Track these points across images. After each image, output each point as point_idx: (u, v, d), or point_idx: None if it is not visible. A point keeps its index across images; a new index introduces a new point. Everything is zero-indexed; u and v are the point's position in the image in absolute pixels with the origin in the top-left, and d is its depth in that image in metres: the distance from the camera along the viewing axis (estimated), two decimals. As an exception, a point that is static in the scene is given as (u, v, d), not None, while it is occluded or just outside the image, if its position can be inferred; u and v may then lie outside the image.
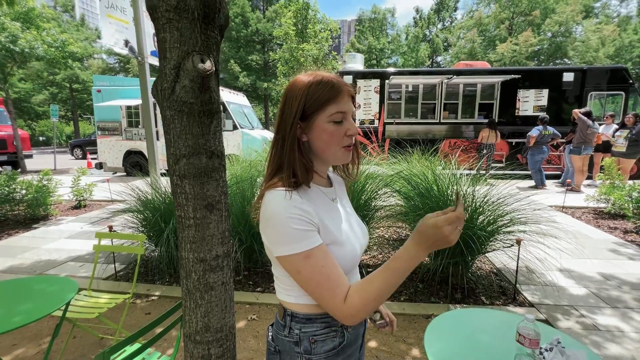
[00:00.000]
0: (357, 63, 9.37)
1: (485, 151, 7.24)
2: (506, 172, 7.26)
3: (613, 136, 6.55)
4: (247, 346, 2.14)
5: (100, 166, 9.42)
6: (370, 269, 3.12)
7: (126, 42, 4.58)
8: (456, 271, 2.74)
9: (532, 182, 7.03)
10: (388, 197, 3.44)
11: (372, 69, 9.88)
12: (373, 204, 3.35)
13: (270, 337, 0.86)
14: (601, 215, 4.91)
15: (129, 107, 8.99)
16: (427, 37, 31.00)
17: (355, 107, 0.82)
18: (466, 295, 2.70)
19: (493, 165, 7.82)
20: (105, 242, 2.46)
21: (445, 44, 30.59)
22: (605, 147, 6.78)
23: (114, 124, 9.17)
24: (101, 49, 25.14)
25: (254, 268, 3.16)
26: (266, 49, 26.10)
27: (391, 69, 8.89)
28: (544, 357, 0.95)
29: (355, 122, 0.86)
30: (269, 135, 9.53)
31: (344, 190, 0.94)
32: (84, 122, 31.26)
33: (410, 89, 8.76)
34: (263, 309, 2.57)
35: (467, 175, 3.13)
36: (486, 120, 7.93)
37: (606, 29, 21.12)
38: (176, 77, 0.96)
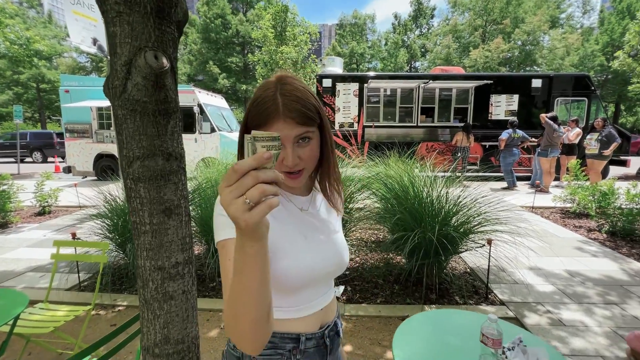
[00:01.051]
0: (336, 67, 9.41)
1: (459, 154, 7.44)
2: (480, 174, 7.49)
3: (583, 139, 6.92)
4: (219, 356, 2.07)
5: (68, 170, 8.96)
6: (348, 272, 3.11)
7: (94, 41, 4.38)
8: (430, 272, 2.77)
9: (504, 184, 7.28)
10: (365, 199, 3.46)
11: (351, 73, 9.97)
12: (350, 206, 3.35)
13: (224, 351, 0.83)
14: (567, 215, 5.14)
15: (100, 109, 8.61)
16: (406, 43, 31.73)
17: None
18: (441, 295, 2.74)
19: (468, 167, 8.06)
20: (67, 250, 2.32)
21: (422, 49, 31.41)
22: (568, 150, 7.12)
23: (84, 126, 8.75)
24: (70, 47, 24.06)
25: (228, 274, 3.07)
26: (246, 51, 25.86)
27: (370, 73, 9.00)
28: (506, 357, 0.95)
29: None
30: (248, 138, 9.39)
31: (331, 216, 0.83)
32: (53, 124, 29.74)
33: (388, 92, 8.89)
34: (237, 316, 2.49)
35: (442, 177, 3.18)
36: (462, 124, 8.17)
37: (570, 37, 22.38)
38: (127, 74, 0.90)
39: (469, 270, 3.25)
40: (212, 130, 8.28)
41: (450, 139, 8.62)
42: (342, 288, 1.01)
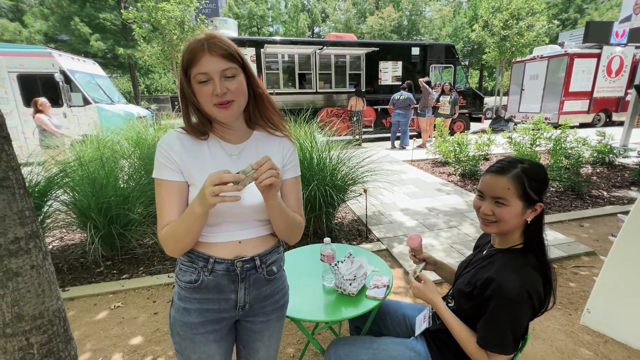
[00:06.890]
0: (229, 29, 8.82)
1: (354, 118, 8.09)
2: (374, 135, 8.20)
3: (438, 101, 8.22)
4: (109, 334, 2.03)
5: None
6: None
7: None
8: (320, 223, 3.12)
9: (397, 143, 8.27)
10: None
11: (246, 37, 9.56)
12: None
13: None
14: (436, 164, 6.24)
15: None
16: (306, 7, 31.30)
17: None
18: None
19: (364, 130, 8.85)
20: None
21: (323, 14, 31.55)
22: (434, 110, 8.42)
23: None
24: None
25: (118, 256, 2.90)
26: (122, 6, 21.83)
27: (266, 38, 8.76)
28: (338, 267, 1.24)
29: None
30: (137, 110, 8.34)
31: (271, 151, 0.92)
32: None
33: (286, 58, 8.87)
34: (130, 295, 2.43)
35: (340, 140, 3.54)
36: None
37: (445, 9, 25.43)
38: None
39: (356, 217, 3.76)
40: (86, 102, 7.07)
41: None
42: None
